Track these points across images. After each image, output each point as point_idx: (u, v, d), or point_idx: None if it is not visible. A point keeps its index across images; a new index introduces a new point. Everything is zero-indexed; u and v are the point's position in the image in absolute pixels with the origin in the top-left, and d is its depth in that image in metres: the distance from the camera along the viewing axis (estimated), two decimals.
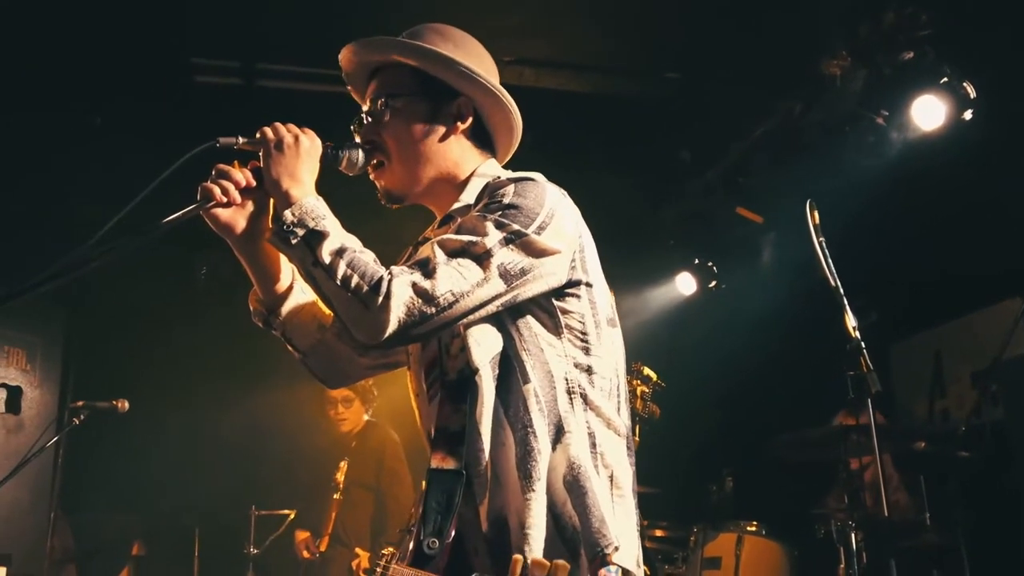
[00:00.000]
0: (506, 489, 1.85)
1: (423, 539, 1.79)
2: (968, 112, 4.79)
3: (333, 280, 1.82)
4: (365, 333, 1.82)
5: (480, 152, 2.19)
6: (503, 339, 1.92)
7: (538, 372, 1.90)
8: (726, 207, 6.46)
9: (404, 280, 1.79)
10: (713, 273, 6.89)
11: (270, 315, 2.18)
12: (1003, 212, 5.39)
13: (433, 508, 1.81)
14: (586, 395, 1.92)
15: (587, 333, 1.95)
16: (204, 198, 1.97)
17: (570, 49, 5.68)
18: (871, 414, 3.48)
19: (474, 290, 1.82)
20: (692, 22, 5.30)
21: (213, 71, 5.77)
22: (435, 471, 1.84)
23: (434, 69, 2.12)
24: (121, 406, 4.74)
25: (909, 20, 4.65)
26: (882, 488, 3.58)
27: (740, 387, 6.61)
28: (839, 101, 5.12)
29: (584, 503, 1.84)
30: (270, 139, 1.98)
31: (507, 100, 2.16)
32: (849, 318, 3.54)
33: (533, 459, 1.84)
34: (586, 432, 1.90)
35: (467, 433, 1.86)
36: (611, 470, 1.91)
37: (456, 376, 1.92)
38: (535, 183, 1.97)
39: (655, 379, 4.83)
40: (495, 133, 2.24)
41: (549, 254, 1.89)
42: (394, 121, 2.12)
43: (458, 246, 1.85)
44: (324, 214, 1.89)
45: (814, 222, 3.64)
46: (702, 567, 5.12)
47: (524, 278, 1.87)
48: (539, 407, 1.88)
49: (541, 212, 1.90)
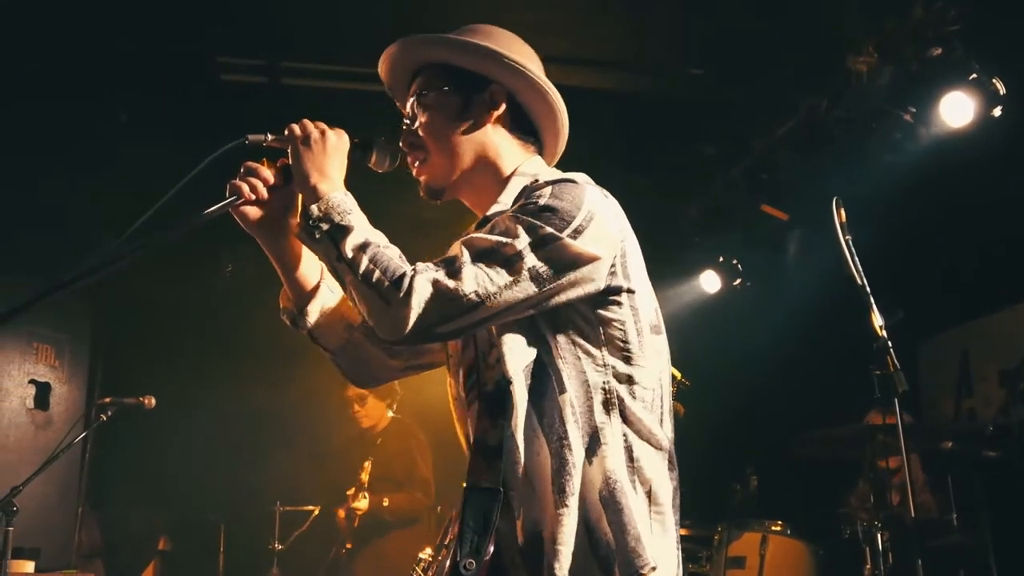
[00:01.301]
0: (541, 502, 1.79)
1: (460, 559, 1.73)
2: (997, 109, 4.73)
3: (356, 275, 1.80)
4: (385, 329, 1.79)
5: (523, 145, 2.15)
6: (538, 347, 1.87)
7: (574, 382, 1.84)
8: (751, 204, 6.42)
9: (427, 277, 1.76)
10: (738, 271, 6.85)
11: (299, 313, 2.16)
12: None
13: (470, 527, 1.75)
14: (624, 406, 1.85)
15: (628, 342, 1.88)
16: (233, 195, 1.98)
17: (593, 46, 5.66)
18: (898, 413, 3.45)
19: (501, 292, 1.77)
20: (716, 18, 5.27)
21: (239, 69, 5.80)
22: (471, 489, 1.80)
23: (462, 59, 2.10)
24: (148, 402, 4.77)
25: (938, 15, 4.60)
26: (909, 488, 3.54)
27: (765, 386, 6.57)
28: (865, 97, 5.07)
29: (620, 520, 1.77)
30: (297, 135, 1.97)
31: (543, 83, 2.10)
32: (875, 316, 3.51)
33: (568, 472, 1.78)
34: (623, 445, 1.83)
35: (504, 447, 1.81)
36: (649, 485, 1.84)
37: (493, 388, 1.86)
38: (575, 185, 1.91)
39: (679, 377, 4.81)
40: (539, 124, 2.17)
41: (585, 258, 1.82)
42: (428, 116, 2.11)
43: (488, 246, 1.80)
44: (350, 209, 1.88)
45: (840, 220, 3.61)
46: (726, 566, 5.10)
47: (557, 282, 1.81)
48: (575, 418, 1.82)
49: (579, 215, 1.83)
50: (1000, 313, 6.39)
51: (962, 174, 5.37)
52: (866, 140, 5.24)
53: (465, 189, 2.15)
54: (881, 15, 4.87)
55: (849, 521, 4.86)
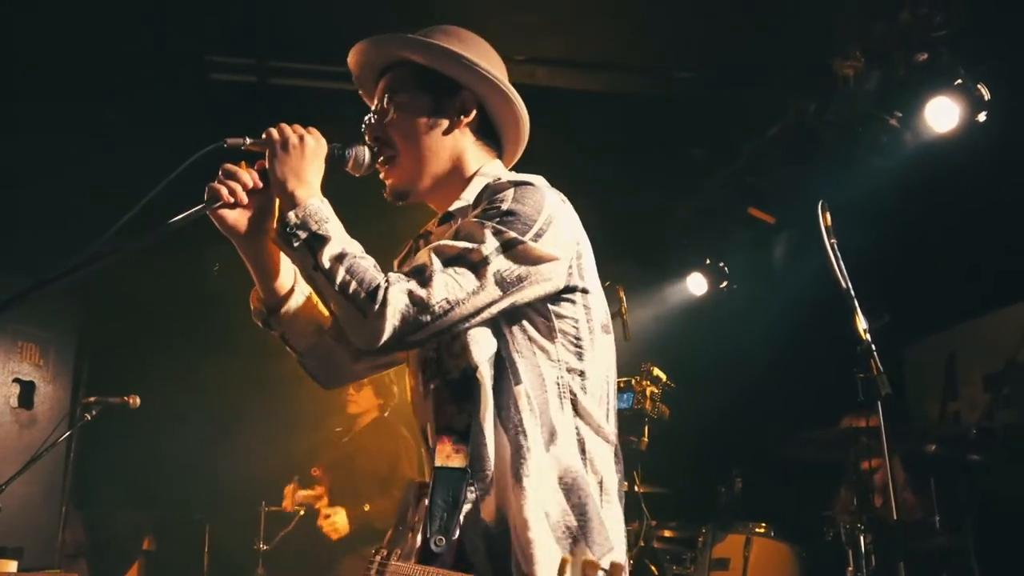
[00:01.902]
0: (503, 489, 1.86)
1: (430, 536, 1.80)
2: (982, 114, 4.76)
3: (332, 285, 1.84)
4: (362, 339, 1.84)
5: (486, 150, 2.21)
6: (497, 340, 1.93)
7: (530, 374, 1.91)
8: (738, 207, 6.44)
9: (400, 288, 1.81)
10: (725, 273, 6.88)
11: (271, 315, 2.19)
12: (1017, 215, 5.37)
13: (439, 505, 1.82)
14: (577, 400, 1.94)
15: (580, 338, 1.96)
16: (211, 198, 1.98)
17: (583, 48, 5.68)
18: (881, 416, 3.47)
19: (469, 298, 1.84)
20: (705, 21, 5.29)
21: (227, 68, 5.79)
22: (441, 469, 1.85)
23: (436, 63, 2.13)
24: (133, 402, 4.76)
25: (924, 21, 4.63)
26: (891, 491, 3.56)
27: (750, 388, 6.59)
28: (852, 102, 5.10)
29: (579, 505, 1.86)
30: (276, 140, 1.99)
31: (512, 93, 2.16)
32: (860, 320, 3.53)
33: (524, 460, 1.85)
34: (576, 437, 1.92)
35: (472, 431, 1.88)
36: (600, 476, 1.92)
37: (459, 375, 1.93)
38: (534, 188, 1.97)
39: (665, 379, 4.84)
40: (502, 131, 2.24)
41: (546, 261, 1.90)
42: (398, 116, 2.14)
43: (454, 253, 1.86)
44: (327, 217, 1.90)
45: (826, 223, 3.63)
46: (710, 568, 5.11)
47: (520, 285, 1.88)
48: (530, 409, 1.89)
49: (539, 219, 1.91)
50: (986, 317, 6.42)
51: (948, 179, 5.40)
52: (853, 144, 5.26)
53: (431, 192, 2.19)
54: (868, 20, 4.89)
55: (832, 523, 4.88)
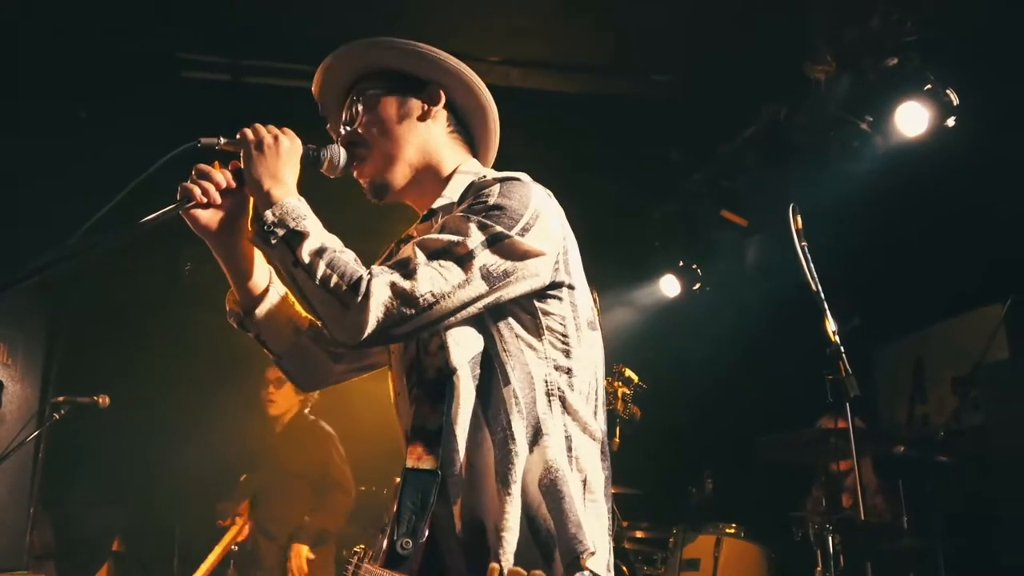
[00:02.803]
0: (482, 490, 1.83)
1: (396, 539, 1.77)
2: (951, 119, 4.82)
3: (313, 280, 1.81)
4: (344, 333, 1.81)
5: (460, 146, 2.21)
6: (484, 340, 1.91)
7: (518, 373, 1.89)
8: (711, 210, 6.48)
9: (383, 280, 1.78)
10: (697, 275, 6.91)
11: (246, 316, 2.17)
12: (984, 219, 5.44)
13: (408, 508, 1.79)
14: (564, 398, 1.91)
15: (568, 336, 1.94)
16: (184, 198, 1.97)
17: (557, 50, 5.70)
18: (849, 418, 3.51)
19: (455, 291, 1.81)
20: (681, 25, 5.32)
21: (200, 66, 5.76)
22: (411, 471, 1.83)
23: (400, 62, 2.15)
24: (102, 401, 4.73)
25: (895, 26, 4.68)
26: (859, 491, 3.59)
27: (721, 389, 6.63)
28: (824, 106, 5.14)
29: (560, 507, 1.82)
30: (251, 140, 1.97)
31: (475, 82, 2.17)
32: (829, 322, 3.56)
33: (511, 461, 1.82)
34: (563, 435, 1.89)
35: (444, 433, 1.85)
36: (584, 474, 1.89)
37: (434, 375, 1.90)
38: (521, 183, 1.97)
39: (636, 380, 4.85)
40: (474, 127, 2.24)
41: (532, 256, 1.88)
42: (368, 116, 2.14)
43: (440, 246, 1.84)
44: (305, 214, 1.89)
45: (796, 226, 3.67)
46: (681, 568, 5.14)
47: (507, 280, 1.86)
48: (518, 409, 1.86)
49: (526, 213, 1.90)
50: (953, 320, 6.49)
51: (918, 183, 5.46)
52: (824, 148, 5.31)
53: (408, 189, 2.17)
54: (840, 25, 4.94)
55: (801, 524, 4.92)
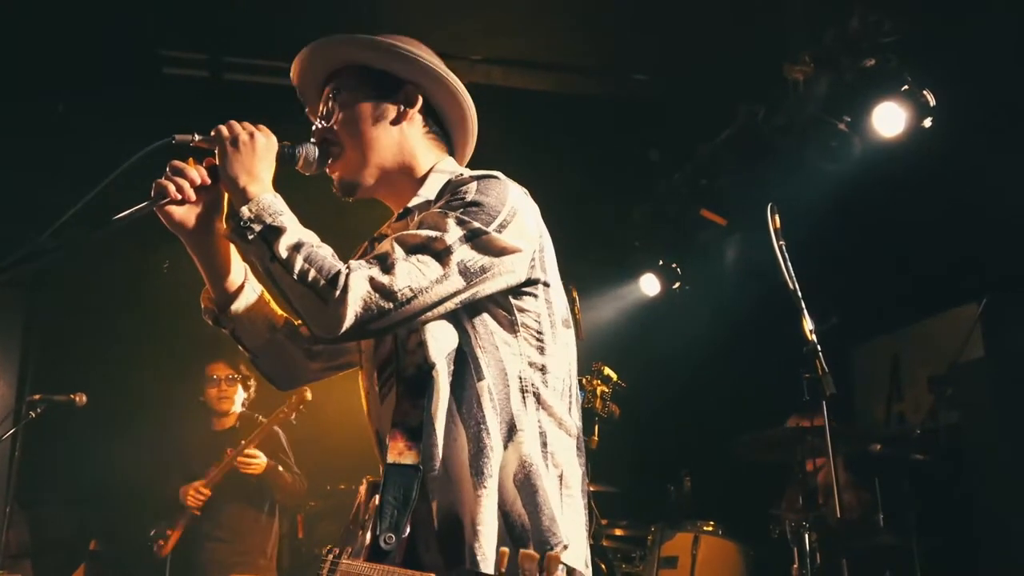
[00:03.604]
0: (458, 486, 1.84)
1: (379, 534, 1.77)
2: (928, 120, 4.86)
3: (290, 274, 1.81)
4: (322, 328, 1.81)
5: (436, 146, 2.19)
6: (459, 335, 1.92)
7: (492, 369, 1.90)
8: (691, 209, 6.50)
9: (362, 274, 1.79)
10: (677, 274, 6.94)
11: (221, 314, 2.17)
12: (961, 220, 5.49)
13: (390, 503, 1.80)
14: (539, 394, 1.93)
15: (542, 332, 1.96)
16: (158, 195, 1.96)
17: (538, 49, 5.71)
18: (825, 416, 3.53)
19: (433, 286, 1.82)
20: (660, 24, 5.34)
21: (181, 63, 5.74)
22: (392, 466, 1.83)
23: (377, 60, 2.13)
24: (79, 400, 4.70)
25: (872, 27, 4.71)
26: (835, 489, 3.62)
27: (700, 388, 6.66)
28: (802, 106, 5.17)
29: (535, 501, 1.84)
30: (225, 136, 1.97)
31: (453, 83, 2.15)
32: (806, 321, 3.59)
33: (485, 456, 1.84)
34: (538, 431, 1.90)
35: (424, 429, 1.85)
36: (560, 469, 1.91)
37: (414, 371, 1.91)
38: (498, 181, 1.98)
39: (615, 379, 4.87)
40: (451, 127, 2.23)
41: (509, 252, 1.89)
42: (343, 114, 2.13)
43: (418, 242, 1.84)
44: (281, 210, 1.89)
45: (775, 226, 3.69)
46: (659, 566, 5.15)
47: (484, 276, 1.87)
48: (492, 404, 1.88)
49: (503, 210, 1.91)
50: (930, 320, 6.55)
51: (895, 183, 5.50)
52: (803, 147, 5.33)
53: (380, 187, 2.17)
54: (819, 26, 4.97)
55: (778, 522, 4.95)
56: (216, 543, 5.44)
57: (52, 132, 5.48)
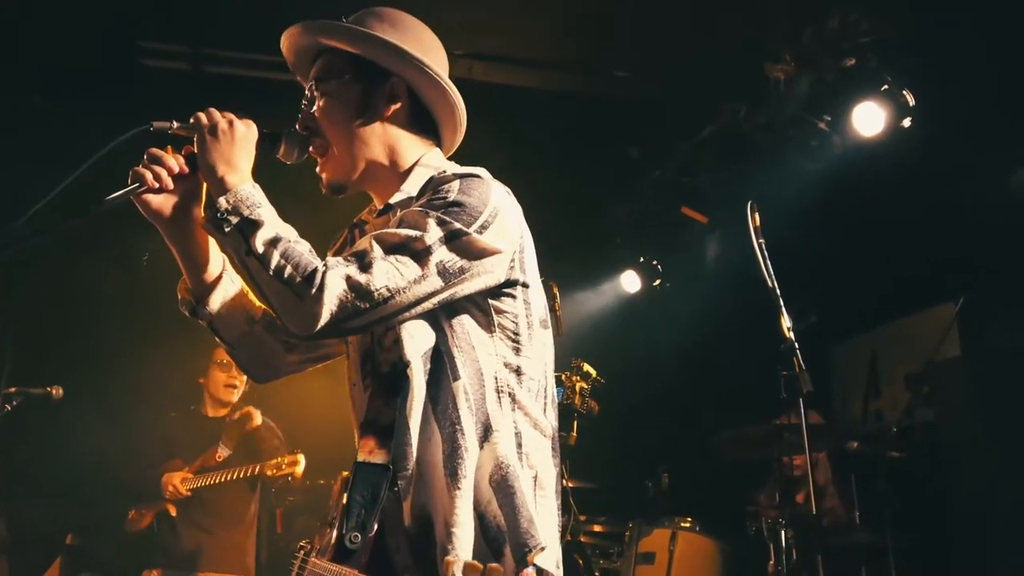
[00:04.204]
0: (432, 486, 1.82)
1: (345, 533, 1.76)
2: (907, 120, 4.89)
3: (266, 270, 1.79)
4: (297, 325, 1.80)
5: (422, 140, 2.15)
6: (435, 334, 1.90)
7: (468, 369, 1.88)
8: (673, 206, 6.52)
9: (339, 273, 1.77)
10: (658, 272, 6.96)
11: (198, 304, 2.13)
12: (939, 219, 5.52)
13: (357, 502, 1.78)
14: (514, 395, 1.91)
15: (519, 333, 1.95)
16: (135, 183, 1.93)
17: (521, 45, 5.71)
18: (802, 414, 3.55)
19: (411, 287, 1.81)
20: (642, 22, 5.35)
21: (160, 55, 5.70)
22: (362, 464, 1.82)
23: (363, 49, 2.09)
24: (56, 393, 4.66)
25: (852, 27, 4.75)
26: (811, 486, 3.64)
27: (679, 385, 6.69)
28: (783, 105, 5.20)
29: (512, 503, 1.82)
30: (204, 124, 1.94)
31: (441, 78, 2.10)
32: (785, 319, 3.60)
33: (460, 457, 1.82)
34: (513, 432, 1.89)
35: (396, 428, 1.84)
36: (535, 470, 1.90)
37: (388, 369, 1.90)
38: (480, 180, 1.96)
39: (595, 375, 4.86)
40: (438, 119, 2.19)
41: (489, 254, 1.88)
42: (327, 104, 2.10)
43: (397, 241, 1.82)
44: (260, 202, 1.86)
45: (755, 224, 3.71)
46: (636, 562, 5.17)
47: (462, 277, 1.86)
48: (468, 404, 1.86)
49: (484, 211, 1.89)
50: (908, 318, 6.59)
51: (874, 182, 5.54)
52: (783, 146, 5.36)
53: (365, 181, 2.14)
54: (799, 25, 4.99)
55: (755, 518, 4.98)
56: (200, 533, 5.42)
57: (30, 124, 5.43)
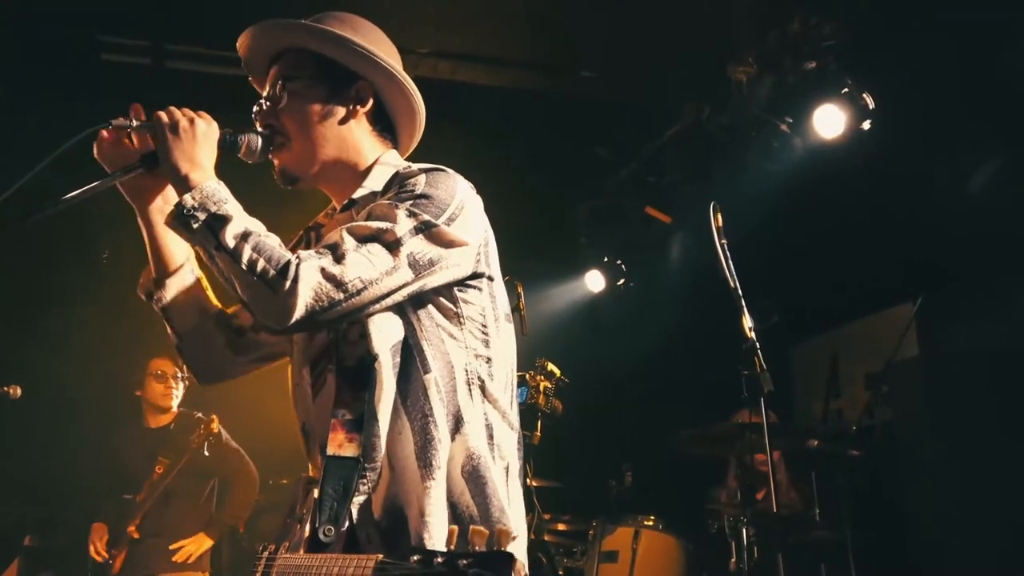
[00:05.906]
0: (403, 478, 1.83)
1: (318, 526, 1.77)
2: (867, 122, 4.95)
3: (238, 264, 1.78)
4: (272, 318, 1.79)
5: (381, 140, 2.17)
6: (404, 327, 1.91)
7: (439, 362, 1.90)
8: (637, 206, 6.56)
9: (313, 264, 1.77)
10: (622, 271, 6.98)
11: (156, 288, 2.14)
12: (898, 220, 5.60)
13: (329, 495, 1.79)
14: (484, 387, 1.94)
15: (487, 326, 1.97)
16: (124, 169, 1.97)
17: (487, 44, 5.71)
18: (763, 413, 3.59)
19: (383, 278, 1.81)
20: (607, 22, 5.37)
21: (121, 50, 5.63)
22: (332, 458, 1.82)
23: (330, 51, 2.09)
24: (13, 392, 4.61)
25: (814, 31, 4.80)
26: (772, 484, 3.68)
27: (642, 384, 6.73)
28: (745, 106, 5.24)
29: (484, 492, 1.84)
30: (165, 122, 1.93)
31: (407, 83, 2.13)
32: (746, 319, 3.64)
33: (433, 448, 1.84)
34: (484, 423, 1.92)
35: (365, 420, 1.84)
36: (507, 462, 1.93)
37: (355, 363, 1.90)
38: (446, 174, 1.98)
39: (559, 375, 4.88)
40: (397, 121, 2.21)
41: (457, 245, 1.90)
42: (292, 104, 2.09)
43: (368, 233, 1.83)
44: (226, 198, 1.86)
45: (717, 224, 3.74)
46: (600, 560, 5.18)
47: (432, 268, 1.87)
48: (439, 396, 1.88)
49: (452, 203, 1.91)
50: (867, 318, 6.67)
51: (834, 184, 5.60)
52: (746, 148, 5.41)
53: (322, 178, 2.15)
54: (762, 28, 5.04)
55: (717, 516, 5.01)
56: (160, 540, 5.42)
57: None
